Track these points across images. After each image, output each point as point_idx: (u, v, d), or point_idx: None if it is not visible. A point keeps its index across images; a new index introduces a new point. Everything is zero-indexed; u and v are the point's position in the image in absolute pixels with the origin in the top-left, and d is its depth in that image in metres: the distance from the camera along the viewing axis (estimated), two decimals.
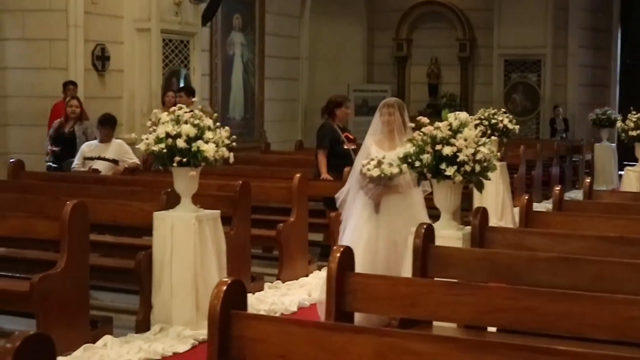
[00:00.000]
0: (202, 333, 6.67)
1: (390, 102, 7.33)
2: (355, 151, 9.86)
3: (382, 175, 6.71)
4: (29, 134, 12.78)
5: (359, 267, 6.30)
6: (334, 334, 3.66)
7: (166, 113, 7.06)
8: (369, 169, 6.76)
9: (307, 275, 8.99)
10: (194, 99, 12.28)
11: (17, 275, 7.16)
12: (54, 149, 10.83)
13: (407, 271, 6.22)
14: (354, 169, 7.16)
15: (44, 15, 12.75)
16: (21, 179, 9.38)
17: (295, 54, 19.28)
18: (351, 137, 10.06)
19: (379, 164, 6.73)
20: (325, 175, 9.84)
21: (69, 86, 12.31)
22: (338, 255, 4.61)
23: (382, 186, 6.87)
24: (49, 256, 7.09)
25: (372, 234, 6.96)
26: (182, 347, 6.52)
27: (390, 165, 6.73)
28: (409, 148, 6.66)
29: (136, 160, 10.42)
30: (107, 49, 13.33)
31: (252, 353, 3.79)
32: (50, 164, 10.96)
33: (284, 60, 18.65)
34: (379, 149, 7.10)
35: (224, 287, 3.76)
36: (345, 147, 9.96)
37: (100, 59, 13.24)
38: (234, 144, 7.09)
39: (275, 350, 3.74)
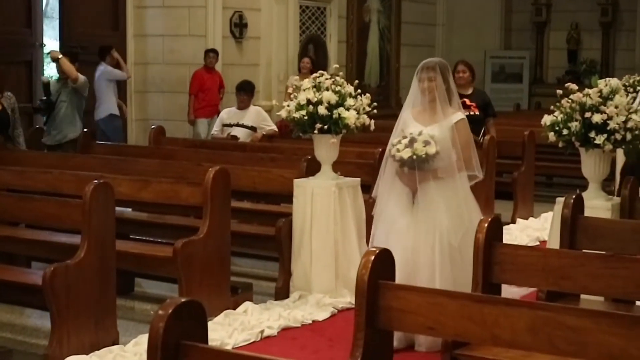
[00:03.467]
0: (342, 301, 6.67)
1: (431, 64, 5.90)
2: (469, 118, 9.65)
3: (415, 156, 5.51)
4: (168, 100, 13.02)
5: (398, 273, 5.72)
6: (485, 306, 3.56)
7: (303, 79, 7.03)
8: (398, 150, 5.57)
9: None
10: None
11: (159, 240, 7.30)
12: None
13: (462, 278, 5.33)
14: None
15: None
16: (162, 145, 9.52)
17: (432, 20, 19.10)
18: (468, 103, 9.72)
19: (412, 142, 5.54)
20: None
21: (210, 54, 12.45)
22: (485, 225, 4.50)
23: (416, 170, 5.60)
24: (188, 222, 7.20)
25: (409, 230, 5.71)
26: (322, 315, 6.50)
27: (427, 143, 5.53)
28: (455, 120, 5.81)
29: (274, 127, 10.48)
30: (245, 16, 13.41)
31: (401, 324, 3.73)
32: None
33: (420, 27, 18.47)
34: (416, 124, 5.83)
35: (372, 257, 3.70)
36: None
37: (238, 26, 13.34)
38: (375, 111, 7.01)
39: (424, 322, 3.67)
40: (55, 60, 10.27)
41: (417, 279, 5.47)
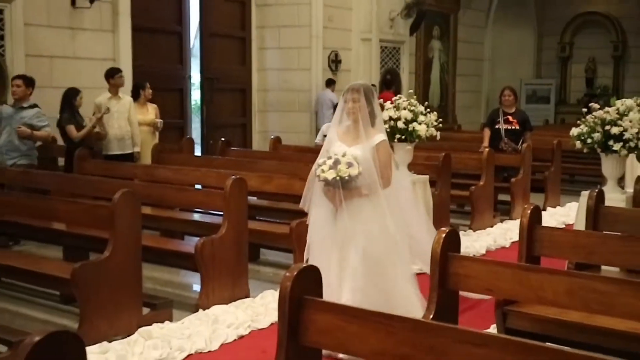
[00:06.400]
0: (414, 268, 6.55)
1: (356, 86, 4.68)
2: (509, 131, 9.49)
3: (339, 177, 4.46)
4: (282, 117, 13.10)
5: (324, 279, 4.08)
6: (532, 273, 3.47)
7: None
8: (323, 170, 4.50)
9: (492, 226, 8.73)
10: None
11: (277, 221, 7.31)
12: None
13: (381, 284, 4.49)
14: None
15: (293, 30, 12.96)
16: (279, 151, 9.57)
17: (480, 56, 18.81)
18: (511, 119, 9.56)
19: (336, 163, 4.48)
20: (484, 144, 9.47)
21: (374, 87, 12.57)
22: (529, 211, 4.39)
23: (340, 189, 4.53)
24: (300, 207, 7.18)
25: (331, 240, 4.65)
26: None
27: (349, 165, 4.45)
28: (376, 142, 4.60)
29: None
30: (339, 54, 13.42)
31: (465, 286, 3.67)
32: None
33: (471, 61, 18.21)
34: (340, 143, 4.66)
35: (444, 235, 3.65)
36: (497, 126, 9.57)
37: (334, 62, 13.36)
38: (440, 125, 6.95)
39: (483, 285, 3.60)
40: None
41: (342, 284, 4.51)
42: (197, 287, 5.96)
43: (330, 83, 12.80)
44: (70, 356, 2.10)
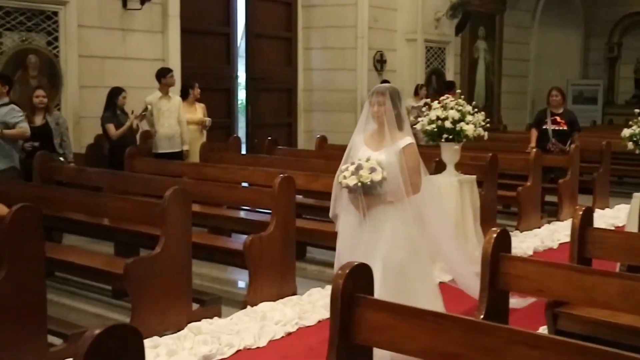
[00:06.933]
0: (446, 279, 6.48)
1: (381, 89, 4.41)
2: (556, 132, 9.34)
3: (360, 183, 4.17)
4: (327, 117, 13.09)
5: None
6: (585, 275, 3.42)
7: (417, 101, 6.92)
8: (345, 177, 4.23)
9: (539, 227, 8.61)
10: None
11: (324, 219, 7.28)
12: (35, 144, 7.41)
13: (407, 292, 4.15)
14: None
15: (339, 31, 12.95)
16: (325, 150, 9.57)
17: (526, 56, 18.56)
18: (559, 120, 9.41)
19: (358, 169, 4.18)
20: (531, 145, 9.31)
21: (423, 87, 12.46)
22: (580, 213, 4.32)
23: (362, 196, 4.25)
24: None
25: (357, 249, 4.30)
26: (446, 278, 6.37)
27: (372, 170, 4.16)
28: (402, 145, 4.29)
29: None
30: (385, 55, 13.37)
31: (516, 286, 3.63)
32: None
33: (516, 62, 17.98)
34: (366, 148, 4.38)
35: (494, 235, 3.61)
36: (544, 127, 9.42)
37: (379, 62, 13.30)
38: (488, 125, 6.88)
39: (534, 286, 3.56)
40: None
41: None
42: (244, 284, 6.00)
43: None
44: (129, 349, 2.12)
